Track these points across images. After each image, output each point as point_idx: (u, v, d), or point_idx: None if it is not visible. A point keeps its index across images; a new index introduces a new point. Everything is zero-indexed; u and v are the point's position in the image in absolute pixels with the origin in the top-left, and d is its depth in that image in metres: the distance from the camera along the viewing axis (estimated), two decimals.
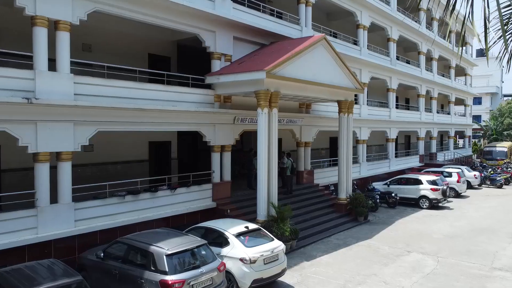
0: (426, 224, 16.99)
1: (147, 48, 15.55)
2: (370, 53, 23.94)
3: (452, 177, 23.91)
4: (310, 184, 18.99)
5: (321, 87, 15.23)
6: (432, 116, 33.01)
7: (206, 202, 14.25)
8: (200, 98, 14.06)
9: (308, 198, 17.47)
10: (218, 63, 14.68)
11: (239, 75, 13.29)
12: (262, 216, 13.22)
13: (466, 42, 41.17)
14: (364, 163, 23.54)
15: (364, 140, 23.46)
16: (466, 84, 41.25)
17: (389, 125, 26.19)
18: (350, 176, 17.87)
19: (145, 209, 12.44)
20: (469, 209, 20.20)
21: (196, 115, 13.69)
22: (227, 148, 15.02)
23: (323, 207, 17.20)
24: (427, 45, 31.07)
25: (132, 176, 13.30)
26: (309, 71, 14.64)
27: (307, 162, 19.14)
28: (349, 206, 17.23)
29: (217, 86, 14.36)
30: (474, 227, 16.51)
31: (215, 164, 14.67)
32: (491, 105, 67.97)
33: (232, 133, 15.11)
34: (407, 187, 21.12)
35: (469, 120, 42.44)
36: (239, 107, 15.25)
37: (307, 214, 16.04)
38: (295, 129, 18.28)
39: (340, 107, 17.31)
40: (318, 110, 19.84)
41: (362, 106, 23.27)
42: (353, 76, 17.18)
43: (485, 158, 38.64)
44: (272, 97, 13.37)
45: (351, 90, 17.13)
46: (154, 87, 12.76)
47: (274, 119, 13.51)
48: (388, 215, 18.76)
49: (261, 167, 13.15)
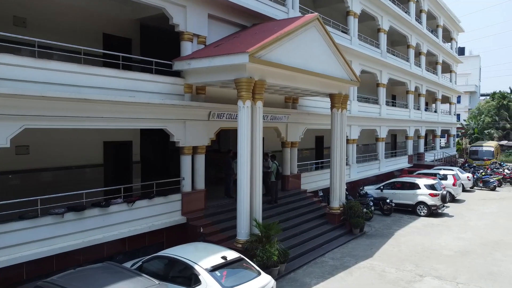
0: (430, 237, 14.81)
1: (102, 27, 12.66)
2: (361, 44, 21.70)
3: (448, 179, 22.01)
4: (297, 190, 16.53)
5: (313, 77, 12.75)
6: (421, 114, 31.22)
7: (174, 216, 11.54)
8: (166, 88, 11.33)
9: (296, 207, 15.00)
10: (189, 45, 11.97)
11: (215, 59, 10.63)
12: (244, 235, 10.63)
13: (451, 38, 39.81)
14: (354, 165, 21.29)
15: (355, 140, 21.21)
16: (452, 81, 39.85)
17: (379, 123, 24.06)
18: (344, 182, 15.51)
19: (93, 229, 9.64)
20: (471, 217, 18.23)
21: (161, 109, 10.95)
22: (201, 149, 12.35)
23: (313, 218, 14.77)
24: (417, 38, 29.18)
25: (82, 185, 10.49)
26: (300, 57, 12.14)
27: (293, 165, 16.67)
28: (342, 217, 14.88)
29: (187, 73, 11.67)
30: (484, 239, 14.44)
31: (185, 169, 11.97)
32: (469, 103, 67.67)
33: (207, 131, 12.45)
34: (402, 192, 18.98)
35: (454, 118, 41.09)
36: (215, 100, 12.61)
37: (296, 228, 13.57)
38: (280, 127, 15.77)
39: (333, 101, 14.90)
40: (306, 106, 17.39)
41: (352, 102, 21.00)
42: (349, 66, 14.81)
43: (471, 158, 37.33)
44: (256, 87, 10.80)
45: (346, 82, 14.75)
46: (104, 71, 9.93)
47: (258, 114, 10.95)
48: (385, 225, 16.53)
49: (243, 174, 10.56)
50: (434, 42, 32.51)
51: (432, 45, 32.63)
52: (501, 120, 56.11)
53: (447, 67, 39.30)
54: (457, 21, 38.99)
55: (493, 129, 54.43)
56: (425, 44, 31.21)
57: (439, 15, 34.61)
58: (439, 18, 34.68)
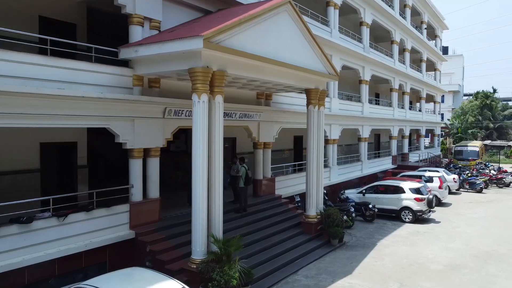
0: (416, 247, 13.40)
1: (38, 9, 10.81)
2: (342, 37, 20.26)
3: (434, 182, 20.75)
4: (271, 196, 14.94)
5: (285, 68, 11.17)
6: (405, 113, 30.02)
7: (120, 231, 9.80)
8: (109, 79, 9.59)
9: (268, 216, 13.40)
10: (139, 30, 10.24)
11: (165, 45, 8.93)
12: (199, 254, 8.96)
13: (436, 35, 38.86)
14: (334, 167, 19.81)
15: (335, 140, 19.74)
16: (436, 79, 38.87)
17: (362, 122, 22.67)
18: (321, 186, 13.99)
19: (10, 251, 7.85)
20: (459, 222, 16.93)
21: (103, 104, 9.21)
22: (154, 152, 10.63)
23: (287, 227, 13.19)
24: (401, 34, 27.94)
25: (11, 194, 8.70)
26: (270, 45, 10.55)
27: (266, 168, 15.08)
28: (320, 226, 13.35)
29: (136, 63, 9.95)
30: (475, 250, 13.09)
31: (134, 175, 10.24)
32: (453, 103, 67.31)
33: (162, 130, 10.74)
34: (386, 197, 17.57)
35: (438, 118, 40.14)
36: (172, 94, 10.92)
37: (267, 240, 11.96)
38: (251, 126, 14.15)
39: (310, 97, 13.35)
40: (281, 103, 15.82)
41: (332, 99, 19.53)
42: (326, 58, 13.27)
43: (456, 158, 36.43)
44: (215, 79, 9.15)
45: (323, 76, 13.21)
46: (27, 58, 8.15)
47: (217, 110, 9.29)
48: (367, 233, 15.08)
49: (198, 181, 8.89)
50: (418, 38, 31.38)
51: (416, 41, 31.50)
52: (484, 120, 55.78)
53: (432, 65, 38.33)
54: (442, 18, 38.06)
55: (476, 129, 54.01)
56: (410, 40, 30.03)
57: (424, 11, 33.54)
58: (423, 14, 33.61)
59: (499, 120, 57.28)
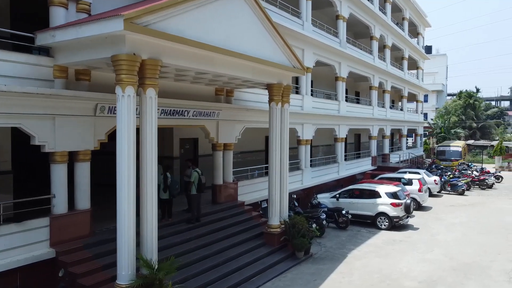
0: (390, 259, 12.13)
1: None
2: (316, 31, 18.95)
3: (413, 185, 19.59)
4: (232, 203, 13.51)
5: (239, 59, 9.74)
6: (385, 112, 28.92)
7: (36, 250, 8.25)
8: (22, 69, 8.04)
9: (225, 226, 11.97)
10: (61, 13, 8.71)
11: (82, 28, 7.42)
12: (125, 279, 7.47)
13: (418, 33, 37.95)
14: (307, 169, 18.47)
15: (308, 140, 18.41)
16: (418, 78, 37.95)
17: (338, 122, 21.39)
18: (286, 192, 12.61)
19: None
20: (439, 229, 15.76)
21: (12, 100, 7.66)
22: (83, 156, 9.09)
23: (246, 239, 11.79)
24: (381, 30, 26.81)
25: None
26: (219, 32, 9.12)
27: (227, 171, 13.65)
28: (283, 237, 11.98)
29: (56, 50, 8.42)
30: (454, 261, 11.87)
31: (57, 183, 8.70)
32: (437, 103, 66.91)
33: (93, 131, 9.21)
34: (361, 202, 16.29)
35: (421, 117, 39.24)
36: (106, 88, 9.35)
37: (220, 255, 10.52)
38: (209, 125, 12.71)
39: (272, 93, 11.96)
40: (245, 100, 14.41)
41: (305, 96, 18.19)
42: (291, 51, 11.88)
43: (439, 158, 35.50)
44: (145, 69, 7.68)
45: (287, 70, 11.83)
46: None
47: (150, 106, 7.81)
48: (338, 243, 13.77)
49: (122, 192, 7.38)
50: (399, 35, 30.34)
51: (397, 38, 30.45)
52: (467, 120, 55.32)
53: (414, 64, 37.42)
54: (424, 15, 37.18)
55: (460, 128, 53.47)
56: (390, 37, 28.95)
57: (405, 7, 32.53)
58: (405, 11, 32.60)
59: (482, 119, 56.93)
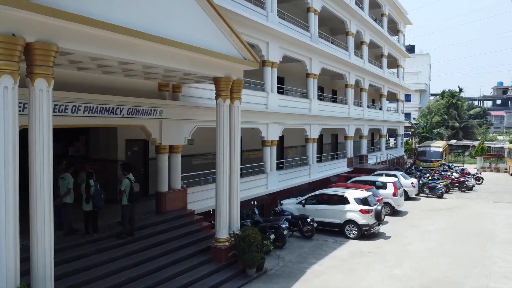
0: (354, 275, 10.77)
1: None
2: (283, 23, 17.57)
3: (387, 188, 18.37)
4: (179, 213, 11.99)
5: (170, 47, 8.25)
6: (363, 111, 27.70)
7: None
8: None
9: (165, 240, 10.45)
10: None
11: None
12: None
13: (399, 30, 36.93)
14: (273, 173, 17.06)
15: (273, 141, 16.99)
16: (399, 76, 36.92)
17: (309, 121, 20.05)
18: (237, 200, 11.15)
19: None
20: (412, 237, 14.50)
21: None
22: None
23: (190, 255, 10.29)
24: (357, 25, 25.58)
25: None
26: (142, 13, 7.63)
27: (174, 177, 12.15)
28: (232, 251, 10.53)
29: None
30: (425, 277, 10.57)
31: None
32: (420, 102, 66.35)
33: None
34: (328, 208, 14.95)
35: (401, 117, 38.24)
36: None
37: (151, 277, 8.99)
38: (149, 125, 11.18)
39: (218, 88, 10.48)
40: (196, 96, 12.92)
41: (270, 94, 16.78)
42: (239, 40, 10.44)
43: (419, 159, 34.50)
44: (34, 55, 6.14)
45: (235, 61, 10.35)
46: None
47: (38, 101, 6.27)
48: (300, 255, 12.38)
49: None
50: (378, 31, 29.19)
51: (376, 35, 29.29)
52: (450, 119, 54.73)
53: (394, 62, 36.37)
54: (405, 12, 36.15)
55: (442, 128, 52.85)
56: (368, 33, 27.76)
57: (384, 4, 31.41)
58: (384, 7, 31.48)
59: (465, 119, 56.45)
